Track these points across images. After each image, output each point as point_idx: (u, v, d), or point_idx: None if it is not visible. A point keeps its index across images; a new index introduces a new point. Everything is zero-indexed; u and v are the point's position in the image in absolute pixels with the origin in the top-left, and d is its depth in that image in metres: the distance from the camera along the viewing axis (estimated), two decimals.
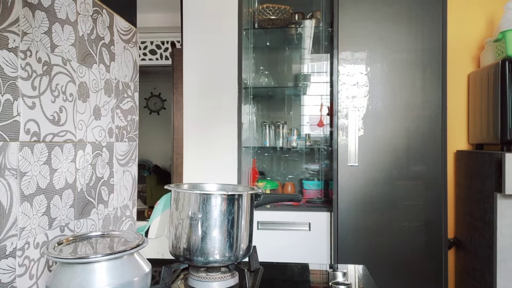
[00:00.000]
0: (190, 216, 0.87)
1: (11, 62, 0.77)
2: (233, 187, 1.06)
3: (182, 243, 0.88)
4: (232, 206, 0.88)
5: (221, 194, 0.87)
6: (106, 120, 1.15)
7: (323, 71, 2.42)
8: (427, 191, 1.91)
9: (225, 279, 0.89)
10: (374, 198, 1.93)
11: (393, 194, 1.92)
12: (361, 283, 0.99)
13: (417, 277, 1.91)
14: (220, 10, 2.10)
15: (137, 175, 1.36)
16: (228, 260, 0.88)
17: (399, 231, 1.92)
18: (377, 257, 1.92)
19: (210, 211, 0.86)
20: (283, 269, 1.10)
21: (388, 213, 1.92)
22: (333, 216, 1.96)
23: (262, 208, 2.02)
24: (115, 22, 1.20)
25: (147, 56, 3.92)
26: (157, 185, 4.97)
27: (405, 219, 1.92)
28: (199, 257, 0.86)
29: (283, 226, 2.02)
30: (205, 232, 0.86)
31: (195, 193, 0.88)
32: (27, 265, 0.81)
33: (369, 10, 1.95)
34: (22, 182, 0.79)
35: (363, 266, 1.10)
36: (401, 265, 1.92)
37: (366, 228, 1.93)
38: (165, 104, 5.52)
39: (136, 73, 1.36)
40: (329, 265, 1.13)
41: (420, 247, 1.91)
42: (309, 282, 1.00)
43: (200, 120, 2.11)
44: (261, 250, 1.62)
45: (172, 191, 0.93)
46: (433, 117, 1.92)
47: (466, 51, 2.40)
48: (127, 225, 1.30)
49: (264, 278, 0.97)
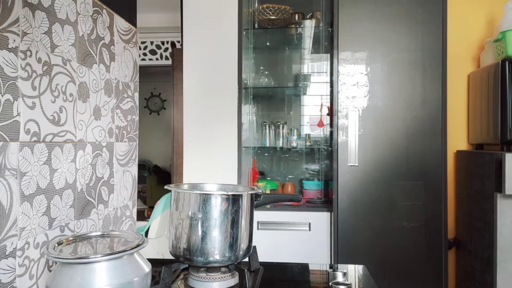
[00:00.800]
0: (190, 216, 0.87)
1: (11, 62, 0.77)
2: (233, 187, 1.06)
3: (182, 243, 0.88)
4: (232, 206, 0.88)
5: (221, 194, 0.87)
6: (106, 120, 1.15)
7: (323, 71, 2.42)
8: (427, 191, 1.91)
9: (225, 279, 0.89)
10: (374, 198, 1.93)
11: (393, 194, 1.92)
12: (361, 283, 0.99)
13: (417, 277, 1.91)
14: (220, 10, 2.10)
15: (137, 175, 1.36)
16: (228, 260, 0.88)
17: (399, 231, 1.92)
18: (377, 257, 1.92)
19: (210, 211, 0.86)
20: (283, 269, 1.10)
21: (388, 213, 1.92)
22: (333, 216, 1.96)
23: (262, 208, 2.02)
24: (115, 22, 1.20)
25: (147, 56, 3.91)
26: (157, 185, 4.97)
27: (405, 219, 1.92)
28: (199, 257, 0.86)
29: (283, 226, 2.02)
30: (205, 232, 0.86)
31: (195, 193, 0.88)
32: (27, 265, 0.81)
33: (369, 10, 1.95)
34: (22, 182, 0.79)
35: (363, 266, 1.10)
36: (401, 265, 1.92)
37: (366, 228, 1.93)
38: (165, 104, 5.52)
39: (136, 73, 1.36)
40: (329, 265, 1.13)
41: (420, 247, 1.91)
42: (309, 282, 1.00)
43: (200, 120, 2.11)
44: (261, 250, 1.62)
45: (172, 191, 0.93)
46: (433, 117, 1.92)
47: (466, 51, 2.40)
48: (127, 225, 1.30)
49: (264, 278, 0.97)
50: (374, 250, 1.92)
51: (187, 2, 2.13)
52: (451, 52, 2.33)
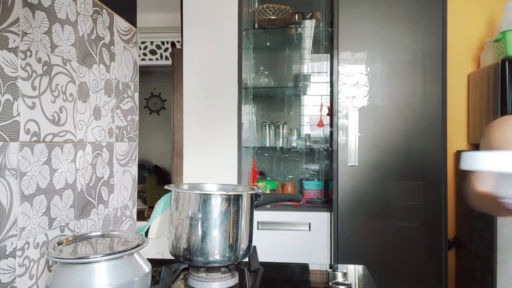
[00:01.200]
0: (190, 216, 0.87)
1: (11, 62, 0.77)
2: (233, 187, 1.06)
3: (182, 243, 0.88)
4: (232, 206, 0.88)
5: (221, 194, 0.87)
6: (106, 120, 1.15)
7: (323, 71, 2.42)
8: (427, 191, 1.91)
9: (225, 279, 0.89)
10: (374, 198, 1.93)
11: (393, 194, 1.92)
12: (361, 283, 0.99)
13: (417, 277, 1.91)
14: (220, 10, 2.10)
15: (137, 175, 1.36)
16: (228, 260, 0.88)
17: (399, 231, 1.92)
18: (377, 257, 1.92)
19: (210, 211, 0.86)
20: (283, 269, 1.10)
21: (388, 213, 1.92)
22: (333, 216, 1.96)
23: (262, 208, 2.02)
24: (115, 22, 1.20)
25: (147, 56, 3.91)
26: (157, 185, 4.97)
27: (405, 219, 1.92)
28: (199, 257, 0.86)
29: (283, 226, 2.02)
30: (205, 232, 0.86)
31: (195, 193, 0.88)
32: (27, 265, 0.81)
33: (369, 10, 1.95)
34: (22, 182, 0.79)
35: (363, 266, 1.10)
36: (401, 265, 1.92)
37: (366, 228, 1.93)
38: (165, 104, 5.52)
39: (136, 73, 1.36)
40: (329, 265, 1.13)
41: (420, 247, 1.91)
42: (309, 282, 1.00)
43: (200, 120, 2.11)
44: (261, 250, 1.62)
45: (172, 191, 0.93)
46: (433, 117, 1.92)
47: (466, 51, 2.40)
48: (127, 225, 1.30)
49: (264, 278, 0.97)
50: (374, 250, 1.92)
51: (187, 2, 2.13)
52: (451, 52, 2.33)
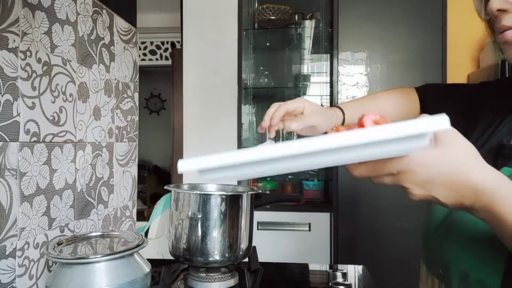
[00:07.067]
0: (190, 216, 0.87)
1: (11, 62, 0.77)
2: (233, 187, 1.06)
3: (182, 243, 0.88)
4: (232, 207, 0.88)
5: (221, 194, 0.87)
6: (106, 120, 1.15)
7: (323, 72, 2.41)
8: None
9: (225, 279, 0.89)
10: (374, 198, 1.92)
11: (393, 194, 1.92)
12: (361, 283, 0.99)
13: (417, 277, 1.91)
14: (220, 10, 2.10)
15: (137, 175, 1.36)
16: (228, 260, 0.88)
17: (399, 231, 1.91)
18: (377, 257, 1.92)
19: (210, 211, 0.86)
20: (283, 269, 1.10)
21: (388, 213, 1.92)
22: (333, 216, 1.95)
23: (262, 208, 2.01)
24: (115, 22, 1.20)
25: (147, 56, 3.92)
26: (157, 185, 4.97)
27: (405, 219, 1.91)
28: (199, 258, 0.86)
29: (283, 226, 2.02)
30: (205, 232, 0.86)
31: (195, 193, 0.88)
32: (27, 265, 0.81)
33: (369, 10, 1.95)
34: (22, 182, 0.79)
35: (363, 266, 1.10)
36: (401, 265, 1.92)
37: (366, 228, 1.92)
38: (165, 104, 5.52)
39: (136, 73, 1.36)
40: (329, 265, 1.13)
41: (421, 248, 1.90)
42: (309, 282, 1.00)
43: (200, 120, 2.11)
44: (261, 250, 1.62)
45: (172, 191, 0.93)
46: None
47: (466, 51, 2.40)
48: (127, 225, 1.30)
49: (264, 278, 0.97)
50: (374, 250, 1.92)
51: (187, 2, 2.13)
52: (451, 52, 2.33)
